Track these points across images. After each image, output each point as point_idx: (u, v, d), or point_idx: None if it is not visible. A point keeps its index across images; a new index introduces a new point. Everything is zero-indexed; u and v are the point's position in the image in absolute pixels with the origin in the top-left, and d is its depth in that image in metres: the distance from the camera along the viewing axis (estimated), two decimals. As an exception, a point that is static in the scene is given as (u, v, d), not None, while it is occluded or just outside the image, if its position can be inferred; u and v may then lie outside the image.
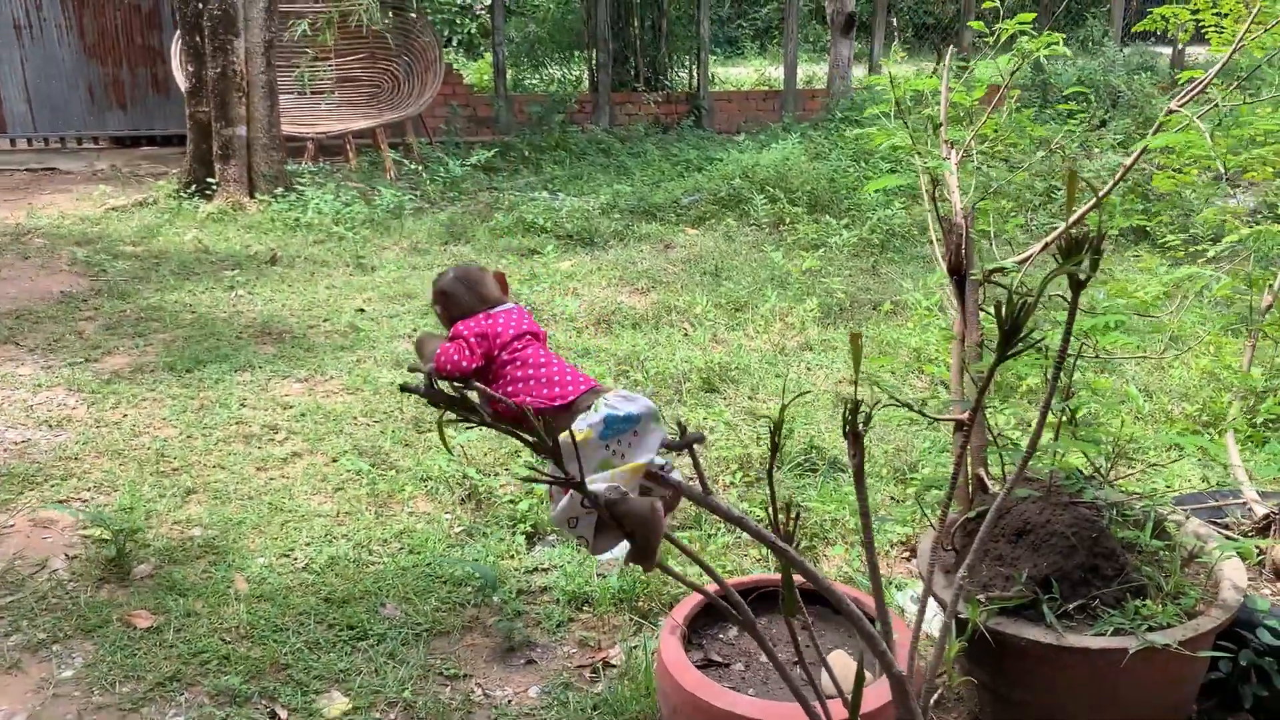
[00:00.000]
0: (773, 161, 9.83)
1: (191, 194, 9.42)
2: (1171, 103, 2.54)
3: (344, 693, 3.07)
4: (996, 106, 3.00)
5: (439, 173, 10.16)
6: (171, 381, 5.44)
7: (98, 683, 3.11)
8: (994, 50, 2.96)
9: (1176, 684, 2.61)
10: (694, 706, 2.43)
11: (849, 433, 1.87)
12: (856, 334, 1.80)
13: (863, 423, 1.86)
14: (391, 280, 7.34)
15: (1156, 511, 2.82)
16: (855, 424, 1.85)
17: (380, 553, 3.80)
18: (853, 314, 6.45)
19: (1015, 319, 1.80)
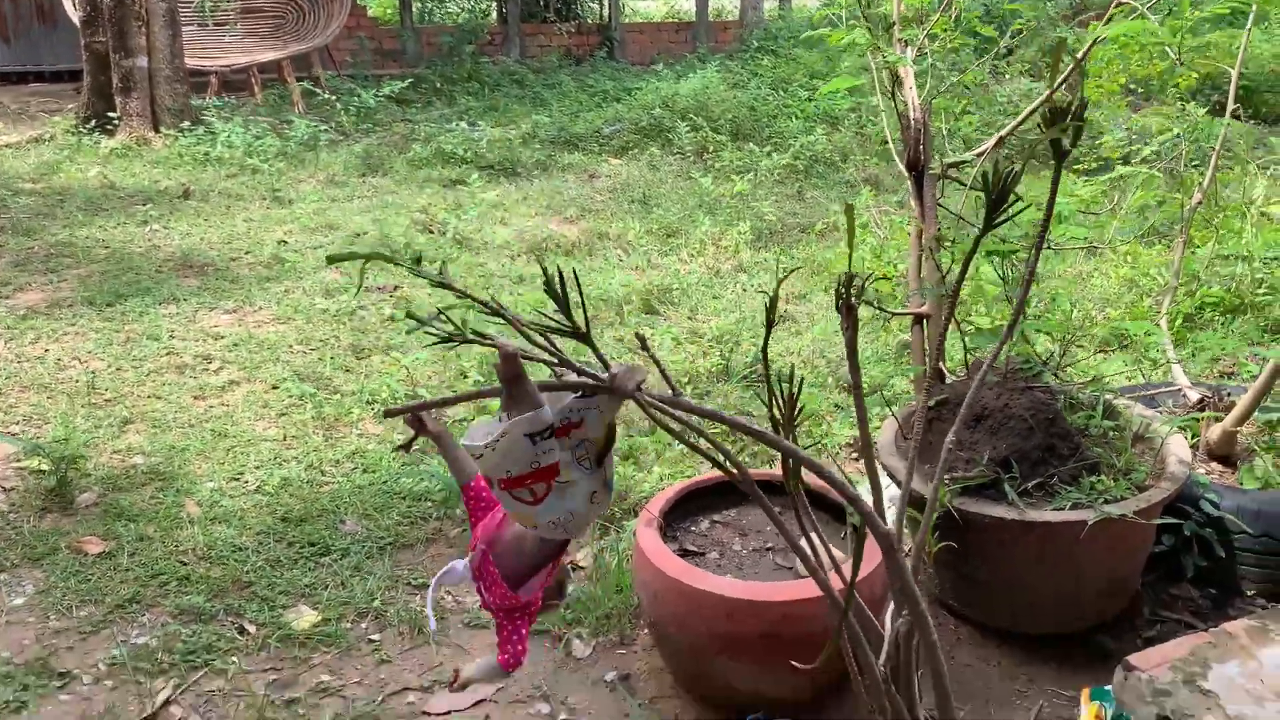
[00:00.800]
0: (692, 91, 9.80)
1: (91, 129, 9.00)
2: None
3: (311, 606, 3.04)
4: (946, 7, 3.04)
5: (351, 104, 9.88)
6: (92, 315, 5.24)
7: (53, 608, 3.03)
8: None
9: (1128, 553, 2.75)
10: (677, 591, 2.48)
11: (842, 305, 1.90)
12: (850, 205, 1.82)
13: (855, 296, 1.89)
14: (311, 212, 7.15)
15: (1105, 397, 2.95)
16: (849, 297, 1.88)
17: (333, 473, 3.75)
18: (783, 236, 6.52)
19: (1002, 188, 1.84)
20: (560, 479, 1.92)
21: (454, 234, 6.47)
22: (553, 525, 1.93)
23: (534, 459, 1.81)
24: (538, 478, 1.88)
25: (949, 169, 2.83)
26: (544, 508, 1.93)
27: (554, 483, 1.93)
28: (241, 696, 2.67)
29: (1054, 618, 2.81)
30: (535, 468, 1.83)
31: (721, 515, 2.91)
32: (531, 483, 1.86)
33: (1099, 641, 2.82)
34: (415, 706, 2.65)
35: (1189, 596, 2.98)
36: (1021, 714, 2.61)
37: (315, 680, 2.75)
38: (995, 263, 3.02)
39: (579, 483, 1.88)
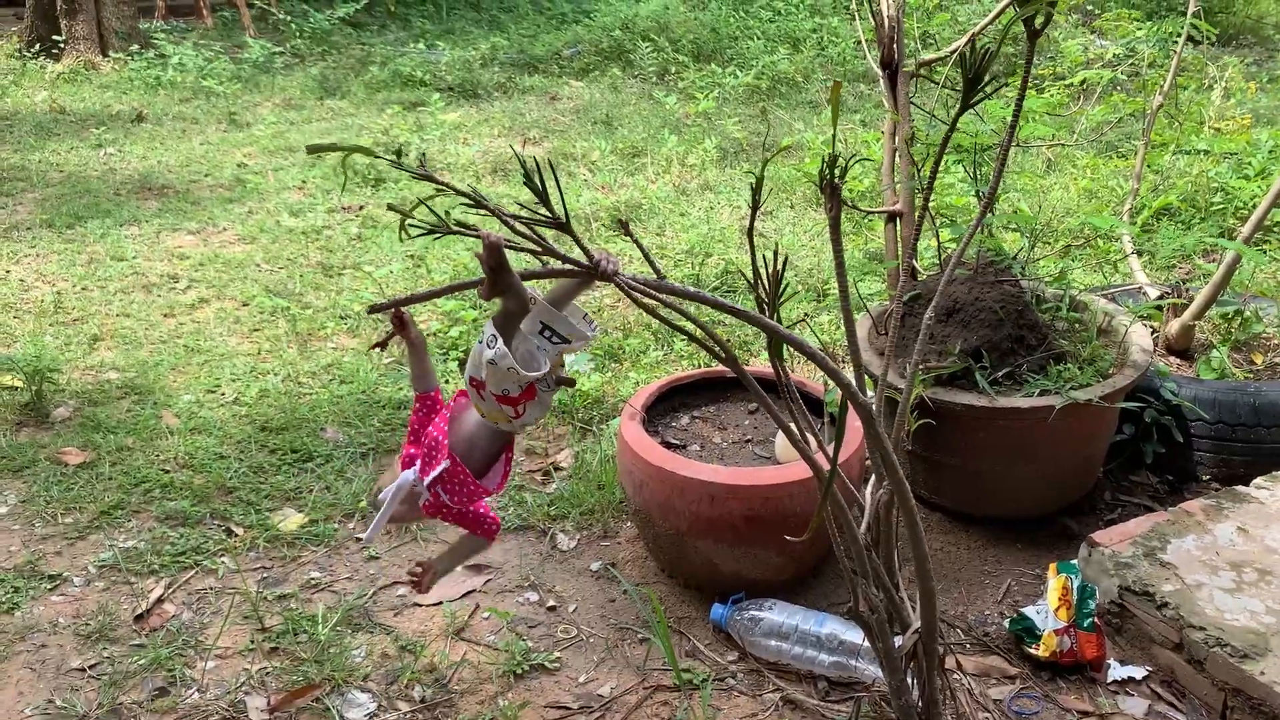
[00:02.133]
0: (652, 12, 9.70)
1: (36, 53, 8.76)
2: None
3: (297, 509, 3.08)
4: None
5: (304, 27, 9.68)
6: (53, 238, 5.17)
7: (37, 516, 3.05)
8: None
9: (1092, 438, 2.86)
10: (660, 479, 2.55)
11: (825, 185, 1.94)
12: (838, 83, 1.86)
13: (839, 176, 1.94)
14: (270, 135, 7.05)
15: (1070, 291, 3.04)
16: (833, 177, 1.93)
17: (311, 384, 3.77)
18: (748, 155, 6.54)
19: (978, 68, 1.89)
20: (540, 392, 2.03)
21: (416, 155, 6.41)
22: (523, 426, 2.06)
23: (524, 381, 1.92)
24: (526, 395, 2.00)
25: (922, 67, 2.87)
26: (525, 417, 2.04)
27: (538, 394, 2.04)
28: (234, 593, 2.72)
29: (1020, 502, 2.92)
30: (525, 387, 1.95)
31: (700, 411, 2.98)
32: (522, 400, 1.97)
33: (1063, 524, 2.94)
34: (406, 599, 2.72)
35: (1148, 482, 3.11)
36: (990, 591, 2.73)
37: (305, 577, 2.80)
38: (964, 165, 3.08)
39: (544, 397, 2.01)
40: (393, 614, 2.66)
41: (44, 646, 2.55)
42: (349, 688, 2.41)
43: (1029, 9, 1.86)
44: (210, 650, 2.53)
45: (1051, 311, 3.00)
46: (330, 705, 2.35)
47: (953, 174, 2.91)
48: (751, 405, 3.01)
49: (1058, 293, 3.09)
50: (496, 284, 1.89)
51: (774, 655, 2.47)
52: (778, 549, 2.58)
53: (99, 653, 2.53)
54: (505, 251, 1.94)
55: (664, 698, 2.39)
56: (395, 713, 2.34)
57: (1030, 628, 2.49)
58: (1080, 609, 2.45)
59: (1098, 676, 2.42)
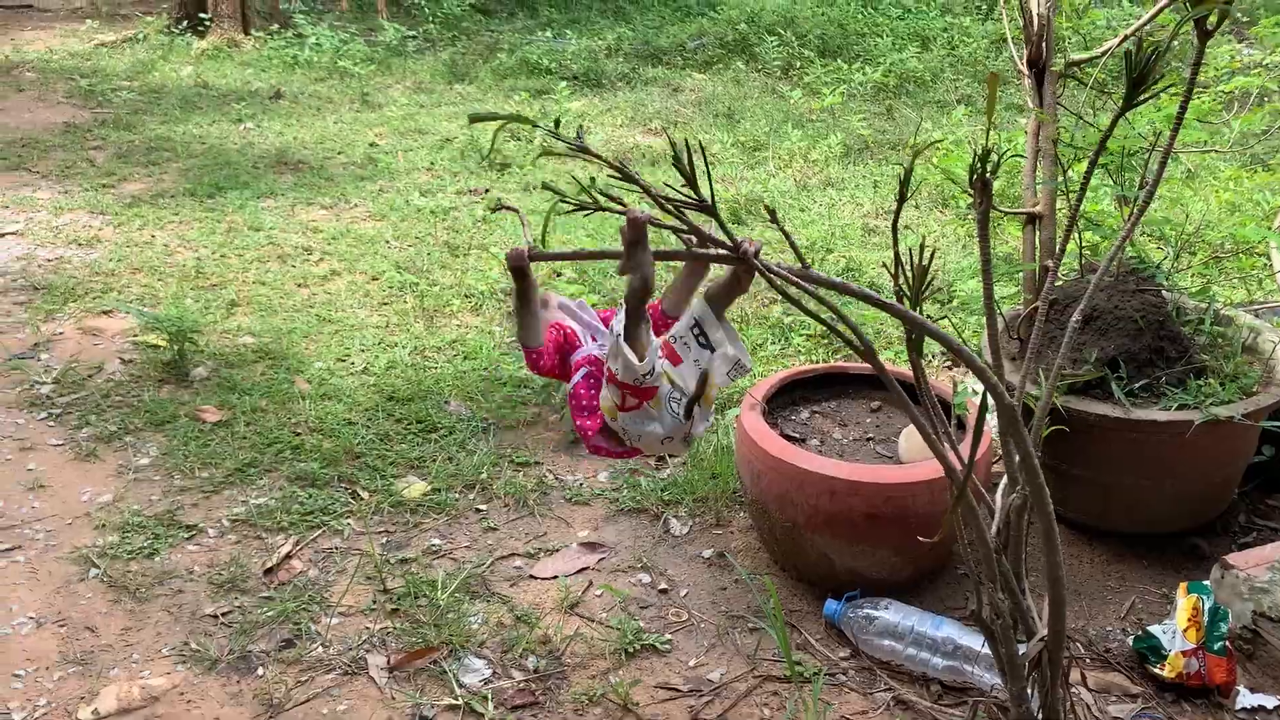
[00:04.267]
0: (778, 6, 9.64)
1: (183, 30, 9.15)
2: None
3: (420, 477, 3.17)
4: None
5: (436, 12, 9.89)
6: (194, 206, 5.40)
7: (176, 469, 3.20)
8: None
9: (1230, 457, 2.76)
10: (779, 471, 2.55)
11: (977, 180, 1.92)
12: (994, 74, 1.83)
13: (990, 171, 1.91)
14: (401, 117, 7.23)
15: (1215, 305, 2.93)
16: (984, 171, 1.90)
17: (436, 358, 3.87)
18: (874, 153, 6.45)
19: (1144, 67, 1.84)
20: (651, 406, 2.03)
21: (541, 141, 6.51)
22: (622, 431, 2.06)
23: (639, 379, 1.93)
24: (635, 393, 2.01)
25: (1071, 66, 2.79)
26: (625, 417, 2.05)
27: (645, 405, 2.04)
28: (358, 554, 2.81)
29: (1150, 519, 2.83)
30: (637, 384, 1.96)
31: (821, 406, 2.96)
32: (629, 393, 1.99)
33: (1193, 543, 2.84)
34: (523, 570, 2.77)
35: (1286, 507, 2.99)
36: (1114, 606, 2.66)
37: (426, 543, 2.88)
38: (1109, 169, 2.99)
39: (662, 420, 2.01)
40: (509, 585, 2.72)
41: (180, 592, 2.68)
42: (465, 653, 2.47)
43: (1202, 8, 1.80)
44: (334, 607, 2.62)
45: (1193, 324, 2.90)
46: (447, 668, 2.42)
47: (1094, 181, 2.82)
48: (873, 403, 2.98)
49: (1200, 305, 2.98)
50: (631, 258, 1.92)
51: (887, 655, 2.45)
52: (896, 548, 2.55)
53: (230, 602, 2.64)
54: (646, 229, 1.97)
55: (774, 688, 2.39)
56: (509, 680, 2.40)
57: (1156, 646, 2.41)
58: (1211, 631, 2.37)
59: (1225, 702, 2.34)
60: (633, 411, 2.07)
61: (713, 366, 2.10)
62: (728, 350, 2.09)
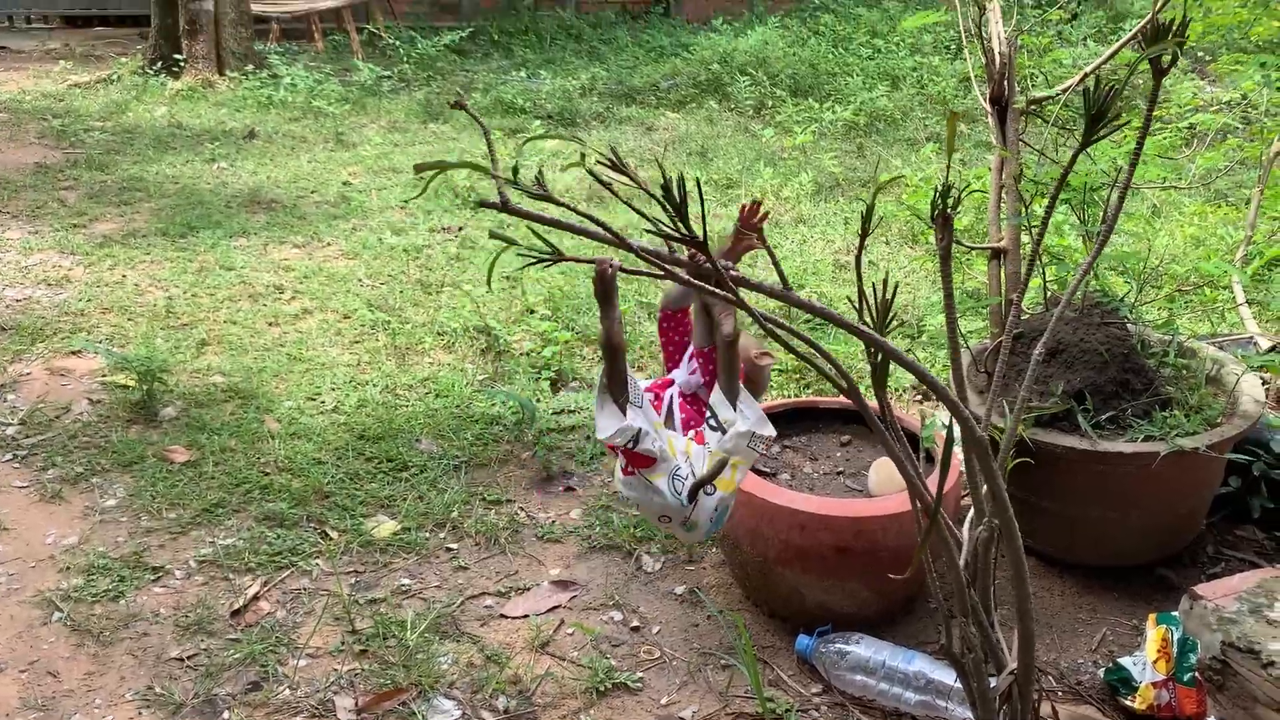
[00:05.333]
0: (750, 47, 9.75)
1: (158, 71, 9.14)
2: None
3: (390, 516, 3.15)
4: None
5: (411, 53, 9.95)
6: (166, 246, 5.37)
7: (143, 510, 3.16)
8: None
9: (1197, 488, 2.78)
10: (750, 505, 2.55)
11: (938, 216, 1.94)
12: (954, 113, 1.86)
13: (951, 207, 1.93)
14: (375, 155, 7.23)
15: (1179, 337, 2.97)
16: (945, 207, 1.93)
17: (407, 396, 3.86)
18: (844, 190, 6.52)
19: (1101, 104, 1.87)
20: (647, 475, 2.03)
21: (530, 177, 6.53)
22: (624, 498, 2.07)
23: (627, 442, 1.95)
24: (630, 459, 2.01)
25: (1033, 104, 2.84)
26: (624, 481, 2.05)
27: (639, 473, 2.05)
28: (326, 594, 2.78)
29: (1118, 550, 2.85)
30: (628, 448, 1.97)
31: (791, 441, 2.97)
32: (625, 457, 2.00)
33: (1162, 575, 2.86)
34: (493, 609, 2.75)
35: (1254, 538, 3.01)
36: (1084, 639, 2.67)
37: (396, 583, 2.85)
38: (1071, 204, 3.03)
39: (661, 496, 2.02)
40: (479, 624, 2.70)
41: (145, 635, 2.64)
42: (435, 694, 2.44)
43: (1157, 48, 1.84)
44: (302, 649, 2.59)
45: (1158, 357, 2.93)
46: (416, 710, 2.39)
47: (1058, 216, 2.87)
48: (843, 437, 2.99)
49: (1165, 338, 3.02)
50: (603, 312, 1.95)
51: (859, 690, 2.44)
52: (867, 582, 2.55)
53: (196, 644, 2.61)
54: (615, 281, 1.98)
55: (746, 725, 2.38)
56: (479, 721, 2.37)
57: (1126, 678, 2.42)
58: (1180, 662, 2.38)
59: (1196, 734, 2.34)
60: (631, 478, 2.08)
61: (733, 447, 2.10)
62: (740, 427, 2.10)
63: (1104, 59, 2.59)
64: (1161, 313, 3.53)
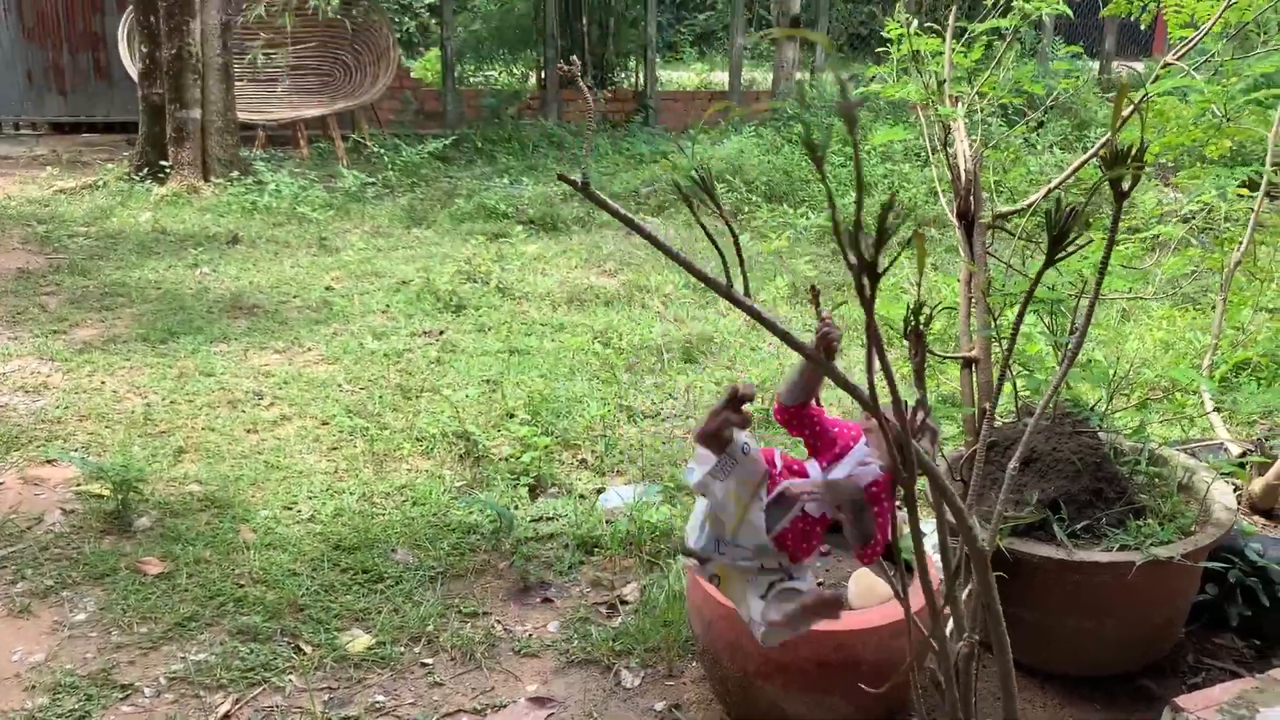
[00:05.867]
0: (727, 154, 10.00)
1: (144, 177, 9.27)
2: (1167, 56, 2.73)
3: (365, 629, 3.11)
4: (995, 65, 3.17)
5: (395, 160, 10.14)
6: (146, 351, 5.39)
7: (114, 624, 3.11)
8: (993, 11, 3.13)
9: (1173, 597, 2.79)
10: (730, 619, 2.53)
11: (911, 332, 1.99)
12: (920, 233, 1.92)
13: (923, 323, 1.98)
14: (358, 260, 7.32)
15: (1150, 445, 3.01)
16: (917, 324, 1.97)
17: (384, 504, 3.84)
18: (821, 293, 6.61)
19: (1063, 226, 1.94)
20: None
21: (497, 283, 6.62)
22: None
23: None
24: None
25: (998, 219, 2.93)
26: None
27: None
28: (299, 712, 2.73)
29: (1098, 661, 2.83)
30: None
31: (771, 550, 2.96)
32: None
33: (1143, 685, 2.84)
34: (469, 727, 2.71)
35: (1233, 646, 3.00)
36: (1068, 753, 2.64)
37: (370, 700, 2.80)
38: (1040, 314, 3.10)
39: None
40: (455, 743, 2.65)
41: (111, 757, 2.58)
42: (408, 817, 2.38)
43: (1115, 172, 1.91)
44: (273, 770, 2.53)
45: (1130, 465, 2.96)
46: (388, 835, 2.33)
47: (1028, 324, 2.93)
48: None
49: (1136, 446, 3.06)
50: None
51: (841, 809, 2.39)
52: (847, 697, 2.52)
53: (164, 766, 2.54)
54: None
55: None
56: (453, 847, 2.31)
57: (1111, 795, 2.39)
58: (1164, 778, 2.35)
59: None
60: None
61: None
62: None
63: (1064, 177, 2.68)
64: (1133, 419, 3.58)
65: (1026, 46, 15.59)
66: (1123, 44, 15.49)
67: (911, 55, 3.21)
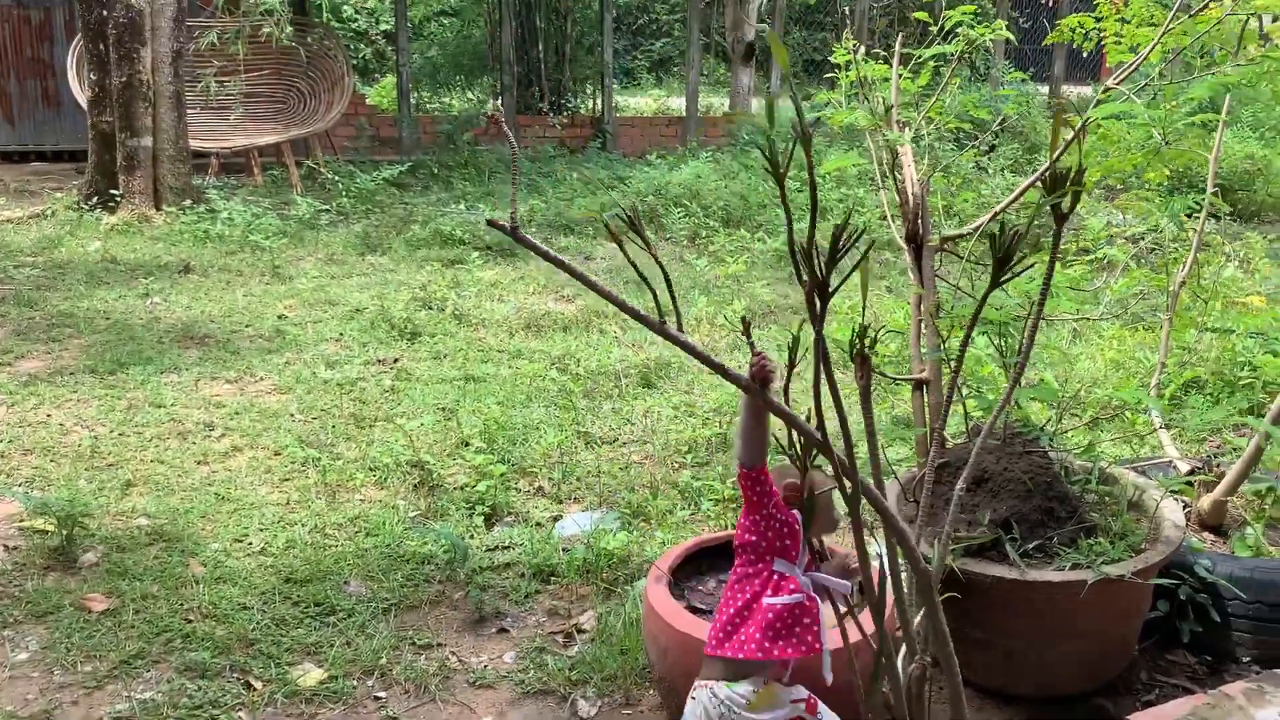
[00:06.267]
0: (684, 180, 10.05)
1: (93, 206, 9.15)
2: (1108, 81, 2.78)
3: (317, 664, 3.05)
4: (942, 91, 3.21)
5: (350, 187, 10.08)
6: (94, 383, 5.29)
7: (57, 663, 3.03)
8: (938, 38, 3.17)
9: (1126, 615, 2.81)
10: (685, 646, 2.52)
11: (856, 355, 1.99)
12: (865, 256, 1.93)
13: (868, 346, 1.99)
14: (311, 289, 7.25)
15: (1100, 464, 3.03)
16: (863, 347, 1.98)
17: (337, 536, 3.78)
18: (777, 317, 6.65)
19: (1007, 249, 1.96)
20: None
21: (453, 310, 6.58)
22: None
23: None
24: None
25: (947, 241, 2.96)
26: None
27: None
28: (248, 751, 2.67)
29: (1053, 681, 2.85)
30: None
31: (728, 574, 2.95)
32: None
33: (1098, 704, 2.85)
34: (422, 762, 2.66)
35: (1185, 662, 3.03)
36: (1025, 774, 2.64)
37: (321, 736, 2.75)
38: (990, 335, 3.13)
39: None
40: (408, 778, 2.60)
41: (52, 802, 2.50)
42: None
43: (1056, 196, 1.94)
44: (220, 811, 2.47)
45: (1081, 483, 2.99)
46: None
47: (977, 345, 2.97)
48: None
49: (1086, 465, 3.09)
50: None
51: (799, 836, 2.37)
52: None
53: (107, 810, 2.48)
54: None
55: None
56: None
57: (1067, 815, 2.39)
58: (1119, 797, 2.36)
59: None
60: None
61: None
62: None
63: (1009, 201, 2.72)
64: (1083, 439, 3.62)
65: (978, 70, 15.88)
66: (1072, 69, 15.79)
67: (859, 81, 3.24)
